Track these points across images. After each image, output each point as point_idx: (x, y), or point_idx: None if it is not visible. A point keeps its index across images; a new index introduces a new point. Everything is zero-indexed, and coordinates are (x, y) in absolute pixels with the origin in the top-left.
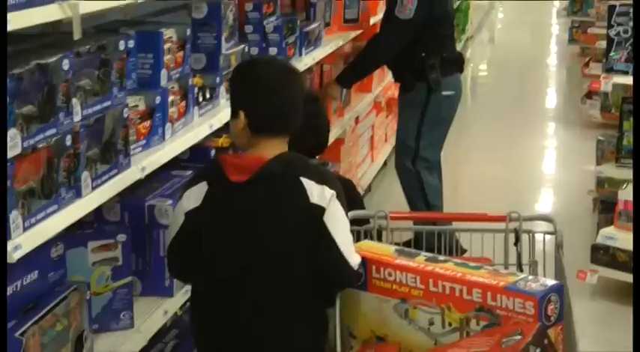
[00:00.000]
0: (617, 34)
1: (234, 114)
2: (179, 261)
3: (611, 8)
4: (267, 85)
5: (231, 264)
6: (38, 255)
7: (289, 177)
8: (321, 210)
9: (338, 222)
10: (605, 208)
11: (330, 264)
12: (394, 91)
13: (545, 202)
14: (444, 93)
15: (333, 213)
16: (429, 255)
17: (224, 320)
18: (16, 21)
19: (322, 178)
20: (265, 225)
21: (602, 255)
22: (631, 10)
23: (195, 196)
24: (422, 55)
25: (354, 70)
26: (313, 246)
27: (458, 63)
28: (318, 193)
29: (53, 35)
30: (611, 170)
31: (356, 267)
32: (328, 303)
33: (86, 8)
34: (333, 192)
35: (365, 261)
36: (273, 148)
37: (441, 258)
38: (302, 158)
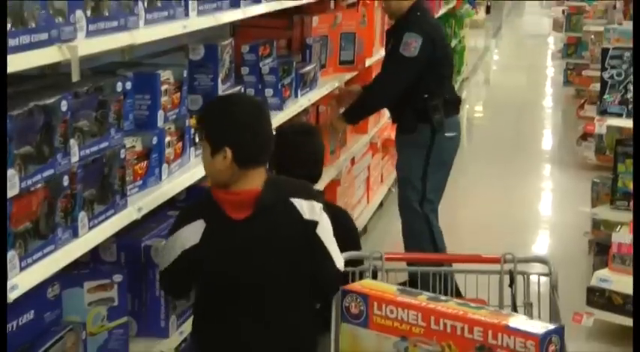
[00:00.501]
0: (611, 76)
1: (216, 151)
2: (175, 285)
3: (605, 51)
4: (247, 119)
5: (236, 290)
6: (34, 295)
7: (281, 201)
8: (314, 224)
9: (328, 233)
10: (601, 250)
11: (324, 273)
12: (390, 132)
13: (540, 244)
14: (447, 134)
15: (324, 224)
16: (431, 294)
17: (227, 335)
18: (17, 63)
19: (309, 194)
20: (267, 251)
21: (597, 297)
22: (624, 53)
23: (192, 234)
24: (424, 96)
25: (360, 107)
26: (309, 256)
27: (456, 104)
28: (308, 209)
29: (52, 76)
30: (606, 212)
31: (342, 271)
32: (323, 305)
33: (84, 50)
34: (320, 205)
35: (367, 298)
36: (259, 177)
37: (443, 297)
38: (286, 179)
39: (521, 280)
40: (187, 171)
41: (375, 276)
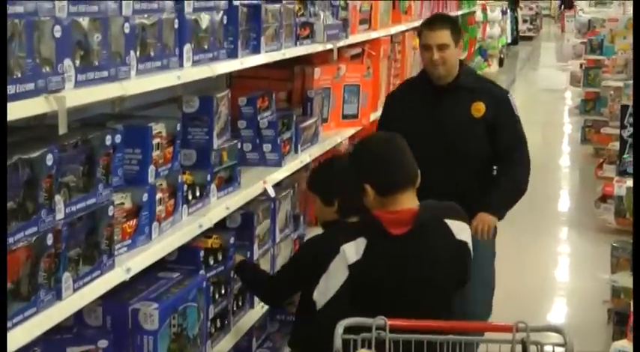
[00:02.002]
0: (631, 135)
1: (362, 190)
2: (337, 316)
3: (624, 108)
4: (382, 151)
5: (393, 305)
6: None
7: (437, 221)
8: (466, 245)
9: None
10: (621, 320)
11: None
12: None
13: (556, 312)
14: None
15: (470, 244)
16: None
17: None
18: None
19: (459, 214)
20: (423, 265)
21: None
22: None
23: (354, 250)
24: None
25: (516, 193)
26: (462, 273)
27: None
28: (458, 229)
29: (37, 128)
30: (626, 279)
31: None
32: None
33: (72, 101)
34: (467, 225)
35: None
36: (411, 200)
37: None
38: (437, 202)
39: (534, 350)
40: (179, 230)
41: (378, 345)
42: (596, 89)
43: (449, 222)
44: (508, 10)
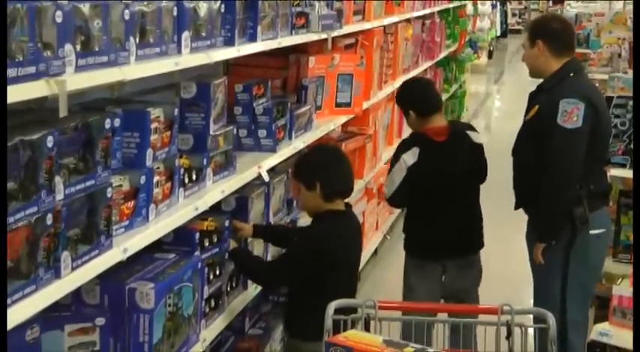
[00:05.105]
0: (615, 126)
1: (406, 115)
2: (403, 199)
3: (609, 100)
4: (419, 88)
5: (444, 184)
6: (13, 338)
7: (461, 132)
8: (481, 146)
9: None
10: (603, 304)
11: (485, 169)
12: None
13: None
14: (593, 232)
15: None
16: (418, 346)
17: (440, 220)
18: None
19: (472, 128)
20: (461, 157)
21: None
22: (628, 102)
23: (411, 156)
24: (577, 187)
25: (550, 217)
26: (481, 164)
27: (606, 195)
28: (475, 136)
29: (38, 111)
30: (608, 265)
31: None
32: None
33: (73, 85)
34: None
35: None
36: (440, 119)
37: (430, 349)
38: (458, 121)
39: (518, 332)
40: (176, 213)
41: (367, 325)
42: None
43: (469, 132)
44: (498, 4)
